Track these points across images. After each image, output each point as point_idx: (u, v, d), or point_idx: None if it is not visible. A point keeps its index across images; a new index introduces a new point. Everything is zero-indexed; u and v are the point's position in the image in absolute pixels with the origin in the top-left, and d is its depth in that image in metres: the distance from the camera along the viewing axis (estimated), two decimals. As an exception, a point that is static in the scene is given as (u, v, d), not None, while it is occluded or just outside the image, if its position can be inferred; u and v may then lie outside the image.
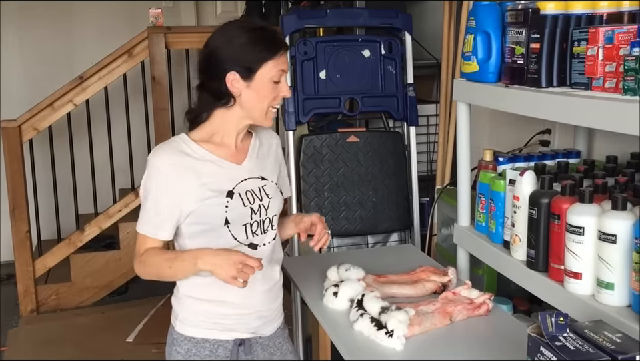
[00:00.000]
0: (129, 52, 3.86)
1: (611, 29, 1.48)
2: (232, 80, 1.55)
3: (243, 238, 1.60)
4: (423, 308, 1.64)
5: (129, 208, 3.97)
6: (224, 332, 1.62)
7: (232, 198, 1.58)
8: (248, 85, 1.56)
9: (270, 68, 1.56)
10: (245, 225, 1.60)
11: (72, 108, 3.87)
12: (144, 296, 3.98)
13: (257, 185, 1.64)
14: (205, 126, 1.63)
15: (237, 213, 1.59)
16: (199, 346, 1.61)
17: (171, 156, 1.58)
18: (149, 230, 1.59)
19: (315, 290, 1.83)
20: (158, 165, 1.58)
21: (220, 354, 1.61)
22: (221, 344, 1.61)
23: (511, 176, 1.83)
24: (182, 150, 1.59)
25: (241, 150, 1.66)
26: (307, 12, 3.02)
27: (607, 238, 1.43)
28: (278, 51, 1.56)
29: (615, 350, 1.09)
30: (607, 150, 2.07)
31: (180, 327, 1.64)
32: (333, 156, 2.60)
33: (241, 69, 1.55)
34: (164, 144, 1.63)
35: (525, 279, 1.75)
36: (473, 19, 1.94)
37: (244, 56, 1.55)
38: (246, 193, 1.61)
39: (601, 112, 1.44)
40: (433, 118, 3.32)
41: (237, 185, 1.60)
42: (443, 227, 2.83)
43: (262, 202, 1.63)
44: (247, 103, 1.58)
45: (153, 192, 1.58)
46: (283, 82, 1.60)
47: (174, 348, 1.64)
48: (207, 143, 1.61)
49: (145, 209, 1.60)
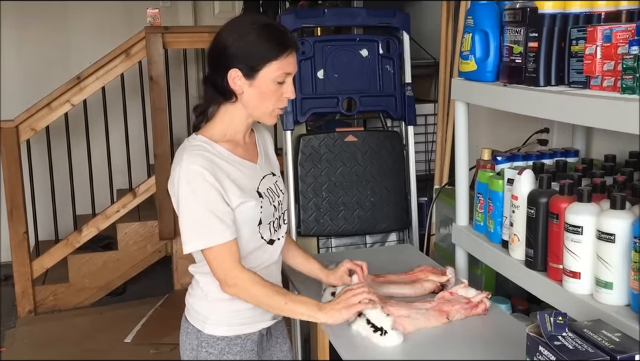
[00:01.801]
0: (127, 52, 3.86)
1: (609, 28, 1.48)
2: (234, 77, 1.53)
3: (267, 236, 1.63)
4: (418, 307, 1.64)
5: (127, 208, 3.97)
6: (253, 324, 1.65)
7: (262, 197, 1.60)
8: (250, 84, 1.53)
9: (274, 69, 1.52)
10: (270, 223, 1.63)
11: (69, 108, 3.86)
12: (142, 296, 3.99)
13: (272, 182, 1.67)
14: (215, 124, 1.60)
15: (267, 212, 1.61)
16: (231, 343, 1.62)
17: (204, 161, 1.51)
18: (219, 238, 1.50)
19: (313, 290, 1.83)
20: (198, 171, 1.50)
21: (248, 347, 1.64)
22: (249, 337, 1.64)
23: (510, 176, 1.83)
24: (210, 153, 1.54)
25: (250, 147, 1.66)
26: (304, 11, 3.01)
27: (605, 237, 1.43)
28: (284, 52, 1.52)
29: (614, 349, 1.09)
30: (606, 149, 2.07)
31: (211, 329, 1.62)
32: (331, 156, 2.59)
33: (243, 67, 1.52)
34: (191, 149, 1.55)
35: (524, 278, 1.75)
36: (470, 18, 1.94)
37: (248, 54, 1.51)
38: (267, 191, 1.63)
39: (599, 111, 1.44)
40: (431, 118, 3.32)
41: (260, 184, 1.62)
42: (441, 227, 2.83)
43: (279, 198, 1.67)
44: (248, 102, 1.56)
45: (205, 199, 1.50)
46: (287, 83, 1.56)
47: (204, 350, 1.61)
48: (225, 143, 1.58)
49: (201, 220, 1.50)
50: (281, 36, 1.54)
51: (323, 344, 1.87)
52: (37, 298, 3.83)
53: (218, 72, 1.54)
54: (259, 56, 1.51)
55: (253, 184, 1.60)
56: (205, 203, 1.50)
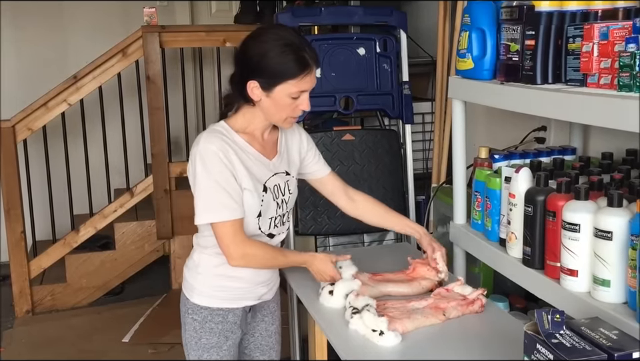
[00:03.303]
0: (123, 52, 3.85)
1: (605, 25, 1.48)
2: (252, 87, 1.62)
3: (266, 229, 1.73)
4: (414, 304, 1.65)
5: (124, 208, 3.96)
6: (235, 301, 1.76)
7: (266, 192, 1.69)
8: (267, 95, 1.63)
9: (290, 87, 1.61)
10: (271, 218, 1.72)
11: (66, 108, 3.85)
12: (140, 296, 3.98)
13: (283, 180, 1.75)
14: (238, 117, 1.70)
15: (268, 207, 1.70)
16: (213, 313, 1.74)
17: (221, 143, 1.62)
18: (228, 215, 1.61)
19: (311, 289, 1.83)
20: (214, 150, 1.61)
21: (230, 319, 1.76)
22: (231, 311, 1.76)
23: (507, 174, 1.83)
24: (227, 137, 1.65)
25: (270, 144, 1.75)
26: (301, 10, 3.01)
27: (602, 235, 1.43)
28: (302, 72, 1.61)
29: (612, 346, 1.09)
30: (603, 146, 2.07)
31: (197, 299, 1.75)
32: (328, 154, 2.59)
33: (262, 80, 1.61)
34: (210, 132, 1.66)
35: (521, 276, 1.75)
36: (467, 16, 1.93)
37: (268, 70, 1.60)
38: (274, 187, 1.72)
39: (597, 108, 1.44)
40: (429, 116, 3.31)
41: (269, 179, 1.71)
42: (439, 225, 2.83)
43: (284, 197, 1.75)
44: (265, 109, 1.66)
45: (219, 177, 1.60)
46: (303, 97, 1.65)
47: (189, 316, 1.76)
48: (244, 134, 1.69)
49: (214, 195, 1.61)
50: (301, 56, 1.61)
51: (321, 344, 1.87)
52: (34, 298, 3.82)
53: (239, 79, 1.65)
54: (278, 74, 1.60)
55: (262, 177, 1.69)
56: (218, 180, 1.60)
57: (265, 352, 1.91)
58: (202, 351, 1.75)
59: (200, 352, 1.76)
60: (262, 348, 1.90)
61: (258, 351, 1.90)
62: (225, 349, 1.76)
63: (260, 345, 1.90)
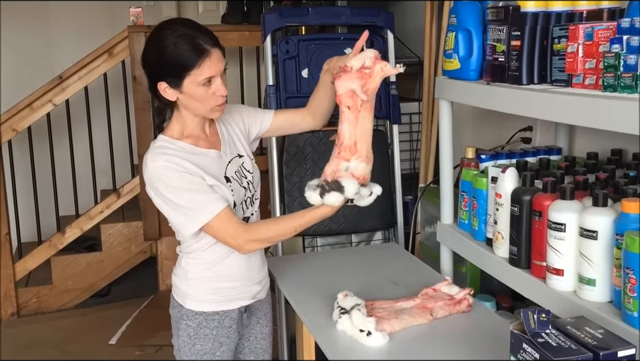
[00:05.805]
0: (109, 52, 3.82)
1: (590, 26, 1.49)
2: (164, 88, 1.61)
3: (240, 215, 1.71)
4: (402, 304, 1.65)
5: (111, 209, 3.94)
6: (231, 302, 1.74)
7: (230, 181, 1.68)
8: (180, 92, 1.61)
9: (195, 77, 1.58)
10: (242, 203, 1.72)
11: (51, 108, 3.82)
12: (126, 298, 3.95)
13: (238, 164, 1.74)
14: (172, 124, 1.68)
15: (238, 194, 1.70)
16: (208, 318, 1.72)
17: (166, 157, 1.60)
18: (213, 208, 1.57)
19: (298, 290, 1.83)
20: (163, 165, 1.58)
21: (226, 324, 1.74)
22: (227, 314, 1.74)
23: (493, 174, 1.83)
24: (172, 150, 1.62)
25: (213, 137, 1.73)
26: (288, 10, 3.00)
27: (588, 234, 1.44)
28: (198, 60, 1.56)
29: (597, 345, 1.09)
30: (588, 147, 2.08)
31: (191, 304, 1.73)
32: (315, 155, 2.59)
33: (168, 79, 1.59)
34: (151, 151, 1.63)
35: (508, 276, 1.76)
36: (454, 17, 1.94)
37: (168, 67, 1.58)
38: (235, 174, 1.71)
39: (582, 109, 1.45)
40: (416, 117, 3.32)
41: (226, 169, 1.69)
42: (426, 225, 2.83)
43: (247, 179, 1.75)
44: (187, 106, 1.64)
45: (182, 184, 1.57)
46: (215, 83, 1.60)
47: (184, 322, 1.73)
48: (187, 138, 1.67)
49: (189, 201, 1.58)
50: (195, 43, 1.56)
51: (309, 344, 1.86)
52: (19, 300, 3.79)
53: (151, 84, 1.63)
54: (178, 68, 1.58)
55: (220, 171, 1.67)
56: (183, 187, 1.58)
57: (259, 355, 1.90)
58: (195, 357, 1.73)
59: (193, 358, 1.73)
60: (256, 352, 1.89)
61: (252, 355, 1.89)
62: (218, 355, 1.74)
63: (255, 348, 1.88)
